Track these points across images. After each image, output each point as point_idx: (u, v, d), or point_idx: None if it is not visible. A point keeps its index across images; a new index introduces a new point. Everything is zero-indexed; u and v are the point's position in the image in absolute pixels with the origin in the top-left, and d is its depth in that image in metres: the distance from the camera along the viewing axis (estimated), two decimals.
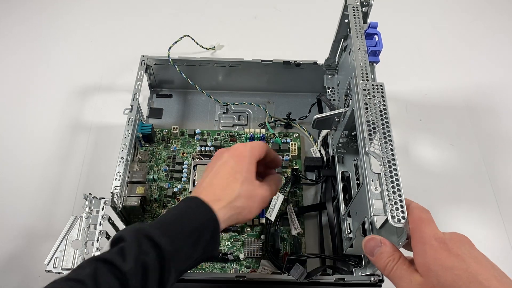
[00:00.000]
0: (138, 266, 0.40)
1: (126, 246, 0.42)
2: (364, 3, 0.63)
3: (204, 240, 0.46)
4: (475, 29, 1.05)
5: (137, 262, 0.41)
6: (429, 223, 0.42)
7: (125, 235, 0.43)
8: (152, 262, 0.41)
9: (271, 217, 0.67)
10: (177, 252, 0.44)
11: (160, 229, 0.44)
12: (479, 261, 0.38)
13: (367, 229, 0.51)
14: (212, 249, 0.48)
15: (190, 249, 0.45)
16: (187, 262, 0.45)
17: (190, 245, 0.45)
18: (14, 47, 0.97)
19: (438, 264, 0.38)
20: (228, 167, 0.52)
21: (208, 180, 0.52)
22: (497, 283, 0.36)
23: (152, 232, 0.43)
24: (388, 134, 0.48)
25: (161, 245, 0.42)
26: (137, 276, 0.40)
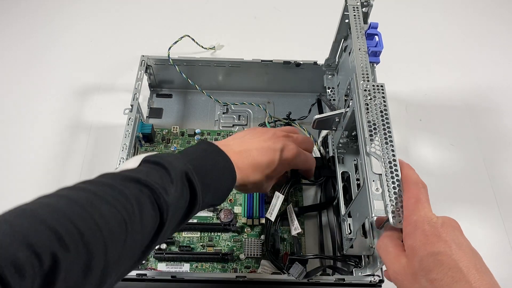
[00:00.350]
0: (175, 206, 0.42)
1: (171, 179, 0.42)
2: (364, 3, 0.63)
3: (218, 197, 0.50)
4: (475, 29, 1.05)
5: (177, 201, 0.42)
6: (424, 204, 0.42)
7: (170, 168, 0.43)
8: (183, 207, 0.44)
9: (271, 217, 0.66)
10: (203, 198, 0.46)
11: (199, 177, 0.45)
12: (463, 248, 0.38)
13: (368, 229, 0.51)
14: (222, 200, 0.51)
15: (211, 198, 0.48)
16: (206, 206, 0.49)
17: (212, 195, 0.48)
18: (14, 47, 0.97)
19: (424, 250, 0.39)
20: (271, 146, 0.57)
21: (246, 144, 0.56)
22: (475, 271, 0.37)
23: (196, 180, 0.44)
24: (389, 134, 0.48)
25: (198, 195, 0.45)
26: (172, 213, 0.41)
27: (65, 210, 0.33)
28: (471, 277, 0.36)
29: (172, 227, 0.43)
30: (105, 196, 0.36)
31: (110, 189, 0.38)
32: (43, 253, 0.29)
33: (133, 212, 0.37)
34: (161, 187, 0.41)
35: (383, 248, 0.44)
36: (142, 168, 0.43)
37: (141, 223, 0.38)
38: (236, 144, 0.55)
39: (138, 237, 0.38)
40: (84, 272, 0.32)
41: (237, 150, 0.54)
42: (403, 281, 0.40)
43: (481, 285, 0.36)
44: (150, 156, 0.45)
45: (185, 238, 0.69)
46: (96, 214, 0.34)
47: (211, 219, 0.71)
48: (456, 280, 0.36)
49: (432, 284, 0.37)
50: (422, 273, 0.38)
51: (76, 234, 0.32)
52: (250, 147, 0.55)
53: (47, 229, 0.31)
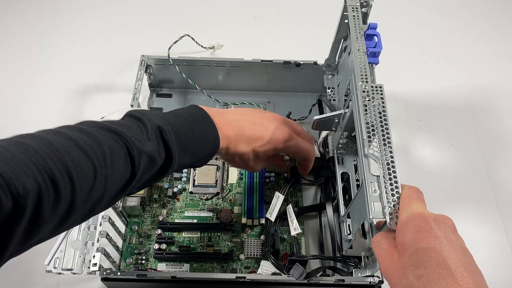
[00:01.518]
0: (148, 159, 0.44)
1: (147, 133, 0.44)
2: (363, 3, 0.63)
3: (200, 159, 0.51)
4: (475, 29, 1.05)
5: (150, 154, 0.44)
6: (418, 201, 0.42)
7: (147, 123, 0.45)
8: (158, 163, 0.45)
9: (271, 217, 0.67)
10: (180, 159, 0.48)
11: (176, 140, 0.47)
12: (454, 245, 0.38)
13: (367, 230, 0.51)
14: (198, 166, 0.54)
15: (187, 163, 0.50)
16: (178, 170, 0.50)
17: (188, 160, 0.49)
18: (14, 47, 0.97)
19: (414, 245, 0.38)
20: (267, 126, 0.58)
21: (237, 116, 0.57)
22: (464, 269, 0.36)
23: (172, 142, 0.46)
24: (387, 136, 0.48)
25: (173, 158, 0.46)
26: (144, 165, 0.44)
27: (40, 151, 0.36)
28: (458, 275, 0.35)
29: (143, 181, 0.46)
30: (79, 142, 0.39)
31: (86, 136, 0.40)
32: (12, 184, 0.32)
33: (105, 160, 0.40)
34: (137, 140, 0.43)
35: (377, 245, 0.44)
36: (123, 121, 0.46)
37: (112, 171, 0.41)
38: (231, 114, 0.57)
39: (107, 184, 0.41)
40: (52, 206, 0.35)
41: (230, 120, 0.55)
42: (392, 277, 0.40)
43: (467, 283, 0.35)
44: (134, 110, 0.48)
45: (185, 238, 0.69)
46: (67, 157, 0.37)
47: (211, 219, 0.71)
48: (443, 277, 0.36)
49: (419, 280, 0.37)
50: (410, 268, 0.38)
51: (46, 173, 0.35)
52: (244, 119, 0.57)
53: (19, 165, 0.34)
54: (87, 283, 0.67)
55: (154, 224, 0.70)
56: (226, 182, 0.75)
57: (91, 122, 0.43)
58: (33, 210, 0.34)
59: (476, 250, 0.40)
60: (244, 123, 0.56)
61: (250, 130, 0.56)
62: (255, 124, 0.57)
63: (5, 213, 0.32)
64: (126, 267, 0.67)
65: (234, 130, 0.55)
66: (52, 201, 0.35)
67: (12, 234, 0.33)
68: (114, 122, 0.44)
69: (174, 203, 0.72)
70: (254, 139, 0.57)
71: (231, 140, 0.55)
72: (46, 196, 0.34)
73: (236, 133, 0.55)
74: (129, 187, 0.44)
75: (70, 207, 0.37)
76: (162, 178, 0.48)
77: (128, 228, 0.70)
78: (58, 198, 0.36)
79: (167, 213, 0.71)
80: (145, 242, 0.69)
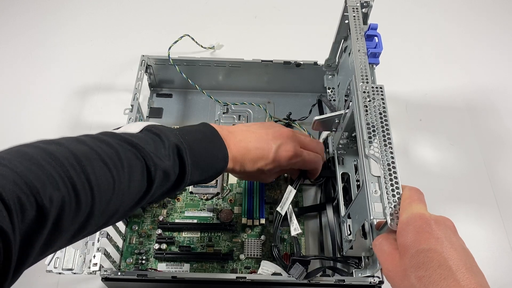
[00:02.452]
0: (164, 175, 0.45)
1: (166, 150, 0.46)
2: (364, 4, 0.63)
3: (207, 176, 0.53)
4: (475, 29, 1.05)
5: (165, 171, 0.45)
6: (418, 203, 0.42)
7: (165, 140, 0.46)
8: (172, 180, 0.47)
9: (282, 211, 0.66)
10: (192, 175, 0.49)
11: (192, 159, 0.48)
12: (455, 246, 0.38)
13: (367, 231, 0.51)
14: (211, 179, 0.54)
15: (196, 180, 0.51)
16: (193, 183, 0.52)
17: (197, 177, 0.51)
18: (14, 47, 0.97)
19: (415, 246, 0.38)
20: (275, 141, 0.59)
21: (246, 132, 0.59)
22: (465, 270, 0.36)
23: (187, 155, 0.48)
24: (388, 137, 0.48)
25: (186, 176, 0.48)
26: (159, 180, 0.45)
27: (62, 160, 0.36)
28: (460, 275, 0.35)
29: (156, 196, 0.47)
30: (102, 154, 0.39)
31: (108, 148, 0.41)
32: (38, 193, 0.33)
33: (124, 174, 0.40)
34: (155, 156, 0.44)
35: (378, 247, 0.44)
36: (142, 135, 0.46)
37: (129, 185, 0.41)
38: (239, 132, 0.58)
39: (124, 197, 0.41)
40: (72, 217, 0.36)
41: (238, 139, 0.56)
42: (394, 279, 0.40)
43: (469, 283, 0.35)
44: (152, 126, 0.48)
45: (185, 238, 0.69)
46: (89, 169, 0.37)
47: (211, 219, 0.71)
48: (444, 278, 0.36)
49: (420, 281, 0.37)
50: (411, 270, 0.38)
51: (70, 184, 0.35)
52: (250, 138, 0.57)
53: (44, 175, 0.34)
54: (88, 283, 0.67)
55: (154, 224, 0.70)
56: (226, 182, 0.75)
57: (112, 134, 0.44)
58: (55, 219, 0.34)
59: (476, 250, 0.41)
60: (250, 143, 0.57)
61: (254, 151, 0.57)
62: (260, 142, 0.58)
63: (28, 222, 0.32)
64: (127, 267, 0.67)
65: (240, 150, 0.56)
66: (73, 212, 0.36)
67: (34, 243, 0.33)
68: (133, 135, 0.45)
69: (174, 203, 0.72)
70: (259, 159, 0.58)
71: (237, 160, 0.56)
72: (68, 206, 0.35)
73: (242, 153, 0.56)
74: (143, 201, 0.45)
75: (88, 218, 0.38)
76: (174, 193, 0.50)
77: (129, 228, 0.70)
78: (78, 209, 0.36)
79: (167, 213, 0.71)
80: (145, 242, 0.69)
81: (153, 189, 0.44)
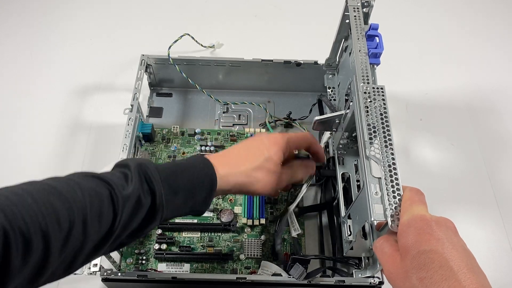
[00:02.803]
0: (134, 199, 0.42)
1: (130, 176, 0.43)
2: (365, 3, 0.63)
3: (196, 199, 0.48)
4: (475, 29, 1.05)
5: (133, 196, 0.42)
6: (419, 204, 0.42)
7: (131, 165, 0.44)
8: (145, 204, 0.43)
9: (291, 207, 0.67)
10: (168, 203, 0.45)
11: (162, 177, 0.45)
12: (456, 247, 0.38)
13: (368, 232, 0.51)
14: (200, 208, 0.50)
15: (181, 204, 0.47)
16: (175, 213, 0.48)
17: (182, 201, 0.47)
18: (14, 47, 0.97)
19: (416, 247, 0.38)
20: (260, 142, 0.55)
21: (230, 149, 0.56)
22: (467, 270, 0.36)
23: (155, 178, 0.44)
24: (389, 138, 0.48)
25: (157, 195, 0.44)
26: (129, 207, 0.41)
27: (10, 197, 0.35)
28: (462, 276, 0.35)
29: (133, 228, 0.43)
30: (57, 187, 0.38)
31: (65, 183, 0.39)
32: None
33: (83, 205, 0.38)
34: (120, 184, 0.42)
35: (379, 248, 0.44)
36: (111, 171, 0.45)
37: (91, 216, 0.39)
38: (230, 151, 0.55)
39: (86, 231, 0.38)
40: (23, 254, 0.33)
41: (227, 159, 0.53)
42: (395, 280, 0.40)
43: (471, 284, 0.35)
44: (122, 160, 0.47)
45: (185, 238, 0.69)
46: (41, 202, 0.36)
47: (211, 219, 0.71)
48: (446, 278, 0.36)
49: (422, 282, 0.37)
50: (413, 271, 0.38)
51: (15, 219, 0.33)
52: (238, 169, 0.53)
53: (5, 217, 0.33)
54: (88, 283, 0.67)
55: None
56: None
57: (79, 173, 0.42)
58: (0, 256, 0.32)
59: (477, 250, 0.40)
60: (236, 176, 0.53)
61: (240, 180, 0.53)
62: (244, 174, 0.53)
63: None
64: (127, 267, 0.67)
65: (229, 179, 0.52)
66: (22, 249, 0.33)
67: None
68: (102, 173, 0.43)
69: None
70: (241, 188, 0.54)
71: (224, 189, 0.52)
72: (14, 242, 0.32)
73: (231, 184, 0.52)
74: (113, 234, 0.41)
75: (45, 257, 0.35)
76: (155, 223, 0.45)
77: None
78: (28, 246, 0.34)
79: None
80: (146, 242, 0.69)
81: (121, 218, 0.41)
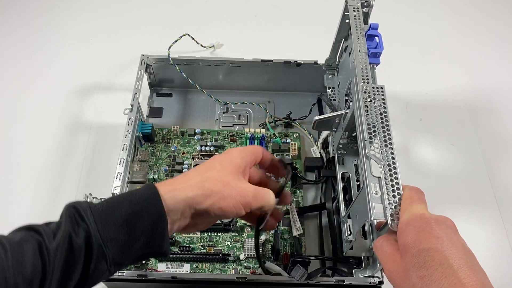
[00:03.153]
0: (65, 245, 0.38)
1: (61, 221, 0.39)
2: (365, 3, 0.63)
3: (142, 226, 0.41)
4: (476, 29, 1.05)
5: (64, 241, 0.38)
6: (419, 203, 0.42)
7: (63, 211, 0.40)
8: (78, 245, 0.38)
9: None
10: (110, 240, 0.39)
11: (97, 212, 0.40)
12: (456, 245, 0.38)
13: (367, 231, 0.51)
14: (157, 242, 0.42)
15: (125, 237, 0.40)
16: (125, 253, 0.41)
17: (125, 232, 0.40)
18: (14, 46, 0.97)
19: (416, 246, 0.38)
20: (212, 159, 0.49)
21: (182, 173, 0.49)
22: (467, 268, 0.36)
23: (87, 214, 0.39)
24: (389, 137, 0.48)
25: (91, 233, 0.39)
26: (61, 255, 0.37)
27: None
28: (462, 273, 0.35)
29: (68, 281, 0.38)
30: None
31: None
32: None
33: (7, 266, 0.35)
34: (51, 233, 0.38)
35: (379, 248, 0.44)
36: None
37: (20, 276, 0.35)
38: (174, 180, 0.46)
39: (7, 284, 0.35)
40: None
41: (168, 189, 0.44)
42: (396, 279, 0.40)
43: (471, 281, 0.35)
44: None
45: (185, 238, 0.69)
46: None
47: None
48: (446, 276, 0.36)
49: (422, 281, 0.37)
50: (413, 270, 0.38)
51: None
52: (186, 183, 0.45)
53: None
54: None
55: None
56: None
57: (18, 227, 0.40)
58: None
59: (476, 250, 0.40)
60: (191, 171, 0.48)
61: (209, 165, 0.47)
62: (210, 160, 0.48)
63: None
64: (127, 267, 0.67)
65: (177, 178, 0.46)
66: None
67: None
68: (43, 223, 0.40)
69: None
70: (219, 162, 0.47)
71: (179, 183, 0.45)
72: None
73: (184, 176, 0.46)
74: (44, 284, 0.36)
75: None
76: (104, 271, 0.40)
77: None
78: None
79: None
80: None
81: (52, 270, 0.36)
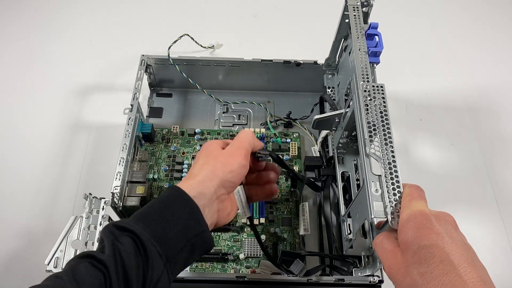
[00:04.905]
0: (115, 252, 0.40)
1: (102, 239, 0.41)
2: (364, 3, 0.63)
3: (175, 212, 0.43)
4: (475, 29, 1.05)
5: (114, 249, 0.40)
6: (419, 200, 0.42)
7: (101, 233, 0.42)
8: (126, 247, 0.40)
9: (245, 216, 0.57)
10: (156, 235, 0.41)
11: (134, 217, 0.43)
12: (456, 241, 0.38)
13: (367, 230, 0.51)
14: (194, 224, 0.44)
15: (164, 227, 0.42)
16: (171, 243, 0.42)
17: (163, 222, 0.42)
18: (14, 47, 0.97)
19: (416, 242, 0.38)
20: (203, 149, 0.50)
21: (190, 169, 0.50)
22: (467, 264, 0.36)
23: (125, 221, 0.42)
24: (389, 135, 0.48)
25: (135, 230, 0.41)
26: (116, 262, 0.39)
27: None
28: (462, 270, 0.35)
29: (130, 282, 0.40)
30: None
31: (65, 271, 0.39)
32: None
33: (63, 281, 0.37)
34: (97, 251, 0.41)
35: (379, 244, 0.44)
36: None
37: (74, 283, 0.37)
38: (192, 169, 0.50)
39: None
40: None
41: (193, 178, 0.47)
42: (396, 276, 0.40)
43: (471, 277, 0.35)
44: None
45: None
46: None
47: None
48: (446, 272, 0.36)
49: (423, 277, 0.37)
50: (413, 266, 0.38)
51: None
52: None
53: None
54: None
55: None
56: None
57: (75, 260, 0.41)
58: None
59: (476, 249, 0.40)
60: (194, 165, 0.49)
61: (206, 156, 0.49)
62: (201, 150, 0.50)
63: None
64: None
65: (191, 172, 0.48)
66: None
67: None
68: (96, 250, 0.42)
69: None
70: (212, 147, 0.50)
71: (194, 175, 0.47)
72: None
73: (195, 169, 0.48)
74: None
75: None
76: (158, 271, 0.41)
77: None
78: None
79: None
80: None
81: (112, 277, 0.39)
